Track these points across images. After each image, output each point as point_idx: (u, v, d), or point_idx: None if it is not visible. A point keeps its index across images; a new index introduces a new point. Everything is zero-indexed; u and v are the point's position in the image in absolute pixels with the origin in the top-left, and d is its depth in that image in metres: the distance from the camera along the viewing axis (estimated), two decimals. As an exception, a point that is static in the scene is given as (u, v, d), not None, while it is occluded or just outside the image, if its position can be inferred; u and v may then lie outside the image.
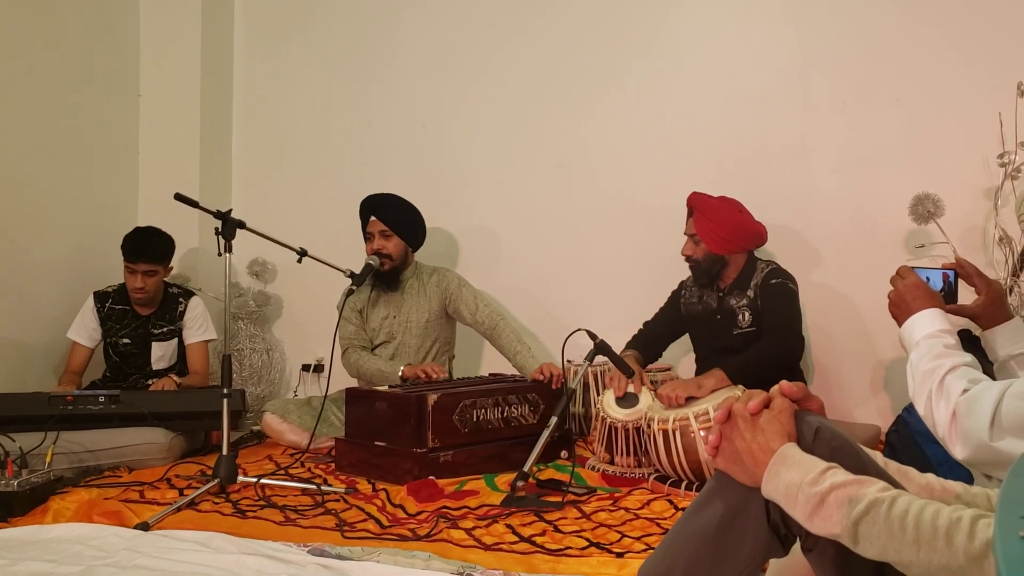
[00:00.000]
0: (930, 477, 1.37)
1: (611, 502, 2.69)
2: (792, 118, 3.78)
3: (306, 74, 4.74)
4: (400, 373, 3.61)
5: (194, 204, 2.93)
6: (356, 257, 3.69)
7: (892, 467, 1.36)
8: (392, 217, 3.74)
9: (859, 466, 1.27)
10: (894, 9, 3.61)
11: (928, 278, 1.84)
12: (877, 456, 1.36)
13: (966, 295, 1.90)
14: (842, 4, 3.70)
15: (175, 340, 3.92)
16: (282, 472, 3.18)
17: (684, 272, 3.53)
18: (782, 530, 1.33)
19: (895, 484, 1.26)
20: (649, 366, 3.49)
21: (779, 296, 3.25)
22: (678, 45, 3.99)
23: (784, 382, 1.38)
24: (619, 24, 4.09)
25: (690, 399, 2.97)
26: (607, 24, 4.11)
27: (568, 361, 3.55)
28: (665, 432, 2.80)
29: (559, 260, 4.20)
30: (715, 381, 2.97)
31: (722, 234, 3.28)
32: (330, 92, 4.68)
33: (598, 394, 3.53)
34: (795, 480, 1.20)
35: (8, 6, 3.86)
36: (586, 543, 2.26)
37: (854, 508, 1.12)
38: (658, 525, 2.42)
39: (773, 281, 3.28)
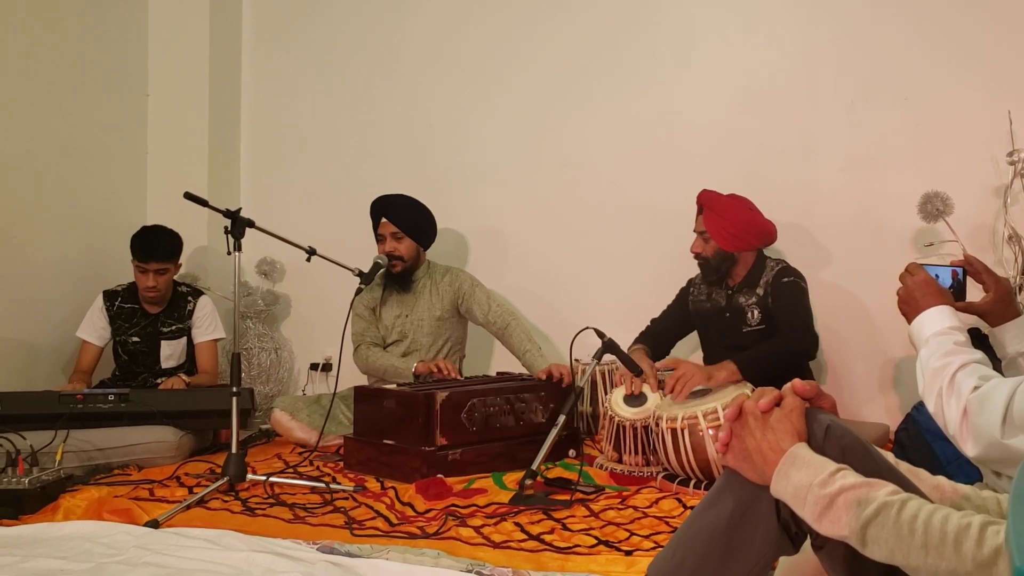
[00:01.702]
0: (941, 479, 1.36)
1: (619, 500, 2.69)
2: (799, 116, 3.77)
3: (314, 73, 4.75)
4: (413, 369, 3.62)
5: (204, 203, 2.94)
6: (365, 256, 3.70)
7: (903, 467, 1.35)
8: (403, 219, 3.75)
9: (870, 465, 1.26)
10: (901, 7, 3.60)
11: (937, 275, 1.83)
12: (888, 456, 1.36)
13: (974, 293, 1.90)
14: (849, 2, 3.69)
15: (184, 339, 3.93)
16: (291, 470, 3.18)
17: (691, 270, 3.53)
18: (792, 528, 1.32)
19: (906, 484, 1.25)
20: (657, 364, 3.49)
21: (791, 294, 3.25)
22: (684, 44, 3.99)
23: (796, 380, 1.38)
24: (625, 23, 4.09)
25: (700, 393, 2.97)
26: (613, 23, 4.11)
27: (576, 360, 3.55)
28: (674, 431, 2.80)
29: (566, 259, 4.20)
30: (727, 374, 2.97)
31: (732, 231, 3.27)
32: (338, 91, 4.69)
33: (606, 393, 3.53)
34: (805, 481, 1.19)
35: (16, 6, 3.88)
36: (595, 541, 2.26)
37: (863, 511, 1.12)
38: (667, 523, 2.42)
39: (785, 279, 3.27)
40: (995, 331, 1.86)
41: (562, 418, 2.84)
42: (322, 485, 2.89)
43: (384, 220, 3.76)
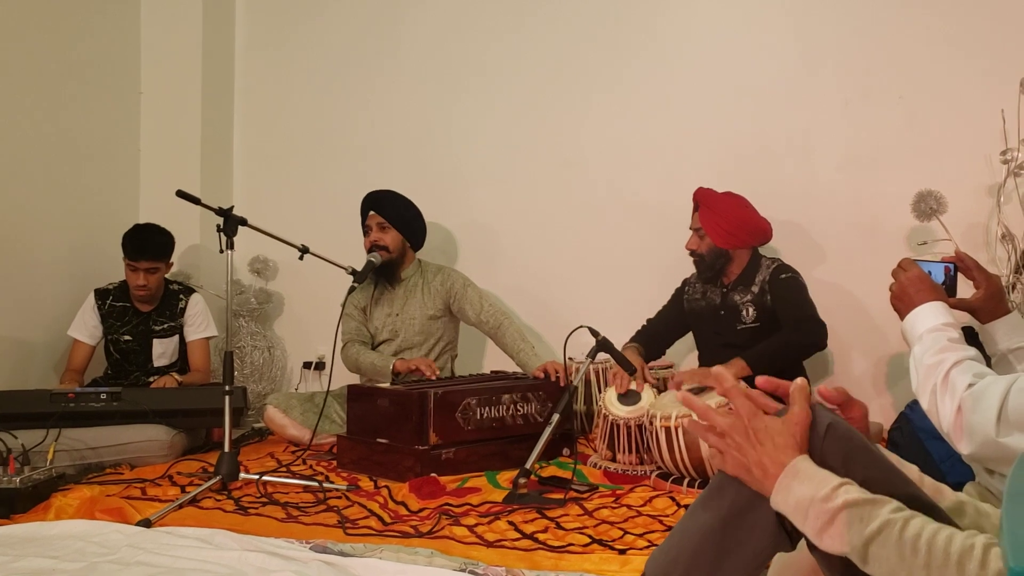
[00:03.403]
0: (942, 487, 1.35)
1: (613, 499, 2.68)
2: (795, 115, 3.78)
3: (307, 71, 4.74)
4: (391, 367, 3.61)
5: (196, 201, 2.93)
6: (358, 254, 3.69)
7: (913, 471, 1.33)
8: (389, 210, 3.75)
9: (873, 466, 1.24)
10: (897, 6, 3.61)
11: (930, 271, 1.83)
12: (893, 458, 1.34)
13: (965, 290, 1.90)
14: (844, 1, 3.69)
15: (176, 337, 3.92)
16: (284, 469, 3.18)
17: (685, 269, 3.53)
18: (789, 525, 1.31)
19: (909, 485, 1.24)
20: (651, 363, 3.49)
21: (792, 289, 3.26)
22: (680, 43, 3.99)
23: (822, 387, 1.34)
24: (621, 22, 4.09)
25: (697, 391, 2.96)
26: (609, 22, 4.11)
27: (570, 358, 3.55)
28: (667, 429, 2.80)
29: (561, 258, 4.20)
30: (736, 371, 2.96)
31: (727, 228, 3.28)
32: (331, 89, 4.68)
33: (600, 391, 3.53)
34: (806, 495, 1.17)
35: (9, 4, 3.86)
36: (588, 540, 2.26)
37: (865, 528, 1.10)
38: (660, 522, 2.42)
39: (783, 276, 3.28)
40: (985, 327, 1.86)
41: (556, 417, 2.83)
42: (315, 484, 2.89)
43: (372, 212, 3.77)
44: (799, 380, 1.31)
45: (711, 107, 3.91)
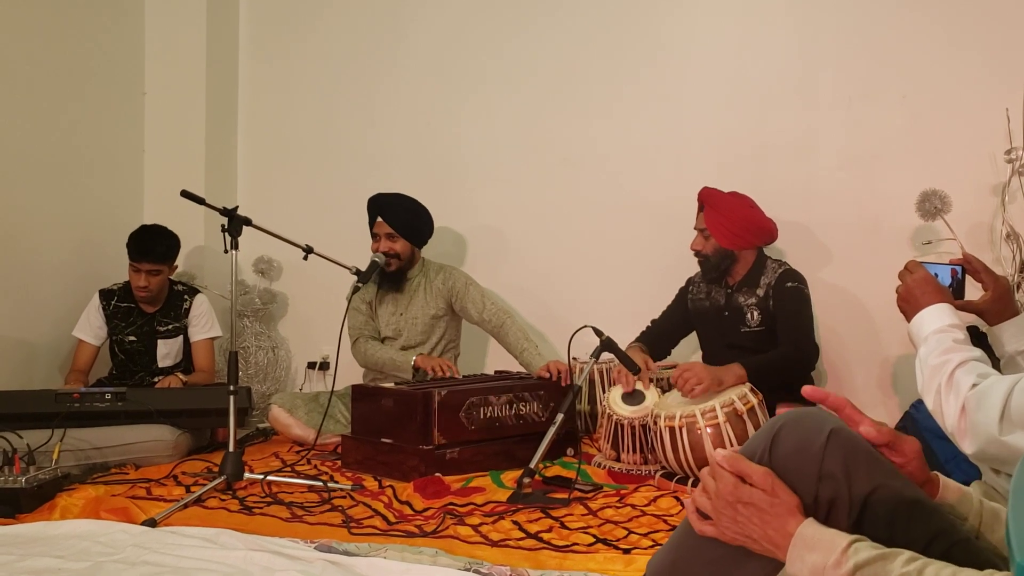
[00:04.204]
0: (947, 480, 1.34)
1: (617, 499, 2.69)
2: (798, 115, 3.77)
3: (311, 71, 4.74)
4: (412, 363, 3.61)
5: (200, 201, 2.93)
6: (362, 254, 3.69)
7: None
8: (399, 220, 3.74)
9: (876, 472, 1.23)
10: (900, 5, 3.60)
11: (936, 273, 1.83)
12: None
13: (973, 291, 1.90)
14: (847, 1, 3.69)
15: (180, 338, 3.92)
16: (288, 469, 3.18)
17: (690, 269, 3.53)
18: None
19: (911, 489, 1.23)
20: (656, 363, 3.48)
21: (795, 301, 3.23)
22: (684, 43, 3.98)
23: (864, 427, 1.26)
24: (624, 22, 4.08)
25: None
26: (612, 22, 4.10)
27: (574, 358, 3.55)
28: (671, 429, 2.80)
29: (565, 257, 4.20)
30: (734, 378, 2.95)
31: (732, 228, 3.27)
32: (335, 89, 4.68)
33: (604, 391, 3.52)
34: (819, 562, 1.15)
35: (14, 4, 3.87)
36: (593, 539, 2.27)
37: None
38: (665, 522, 2.42)
39: (788, 284, 3.25)
40: (993, 329, 1.85)
41: (560, 416, 2.83)
42: (320, 484, 2.89)
43: (380, 220, 3.76)
44: (717, 453, 1.27)
45: (714, 107, 3.90)
